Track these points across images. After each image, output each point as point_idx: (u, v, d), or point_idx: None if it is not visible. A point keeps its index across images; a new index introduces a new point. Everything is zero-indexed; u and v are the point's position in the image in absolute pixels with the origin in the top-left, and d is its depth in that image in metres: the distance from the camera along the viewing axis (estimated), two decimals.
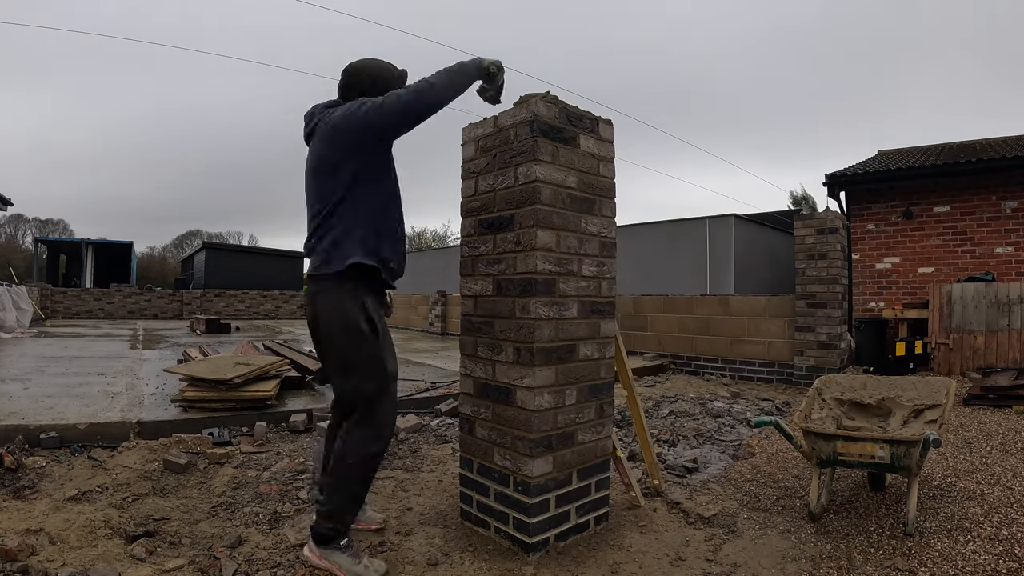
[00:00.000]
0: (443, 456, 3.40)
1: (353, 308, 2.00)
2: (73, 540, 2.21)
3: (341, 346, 2.02)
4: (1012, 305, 6.22)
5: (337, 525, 1.99)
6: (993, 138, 9.69)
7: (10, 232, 44.47)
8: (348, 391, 2.07)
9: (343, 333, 2.00)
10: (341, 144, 2.02)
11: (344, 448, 2.02)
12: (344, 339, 2.00)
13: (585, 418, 2.31)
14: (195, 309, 18.09)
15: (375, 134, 2.01)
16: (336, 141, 2.03)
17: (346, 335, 2.00)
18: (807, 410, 2.78)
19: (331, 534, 1.98)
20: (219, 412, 4.02)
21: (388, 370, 2.05)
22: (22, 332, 10.39)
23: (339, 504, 2.00)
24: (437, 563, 2.07)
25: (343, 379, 2.07)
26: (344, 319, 1.99)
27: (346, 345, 2.01)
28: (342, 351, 2.03)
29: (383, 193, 2.11)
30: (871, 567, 2.00)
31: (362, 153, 2.03)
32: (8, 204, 13.72)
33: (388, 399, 2.05)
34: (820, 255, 5.94)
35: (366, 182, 2.05)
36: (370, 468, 2.05)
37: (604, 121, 2.42)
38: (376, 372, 2.02)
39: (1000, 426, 4.03)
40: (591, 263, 2.35)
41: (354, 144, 2.01)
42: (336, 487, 2.01)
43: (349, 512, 2.03)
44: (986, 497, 2.61)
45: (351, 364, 2.02)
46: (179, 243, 50.78)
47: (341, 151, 2.02)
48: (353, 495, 2.03)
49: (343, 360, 2.04)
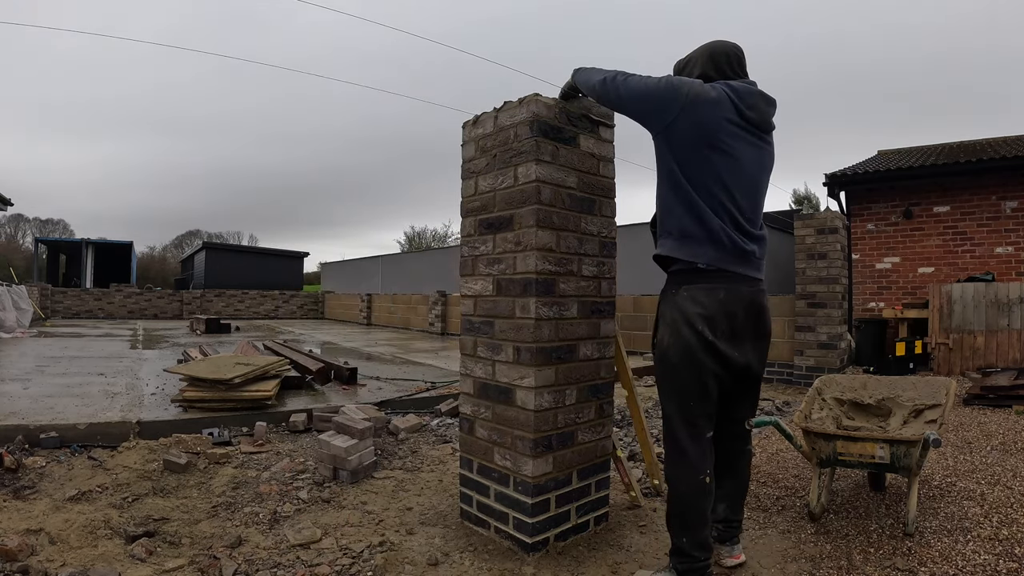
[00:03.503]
0: (443, 456, 3.40)
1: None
2: (73, 540, 2.21)
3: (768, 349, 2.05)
4: (1012, 305, 6.22)
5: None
6: (993, 138, 9.69)
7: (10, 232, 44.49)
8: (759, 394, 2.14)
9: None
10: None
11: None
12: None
13: (585, 418, 2.31)
14: (195, 309, 18.09)
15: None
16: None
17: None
18: (807, 410, 2.78)
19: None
20: (219, 412, 4.02)
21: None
22: (22, 332, 10.39)
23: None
24: (437, 563, 2.07)
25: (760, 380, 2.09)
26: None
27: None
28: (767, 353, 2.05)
29: None
30: (871, 567, 2.00)
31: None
32: (8, 204, 13.72)
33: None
34: (820, 255, 5.94)
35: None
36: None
37: (605, 121, 2.42)
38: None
39: (1000, 426, 4.03)
40: (591, 263, 2.35)
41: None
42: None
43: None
44: (986, 497, 2.61)
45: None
46: (179, 243, 50.81)
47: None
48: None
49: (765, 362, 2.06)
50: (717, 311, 1.85)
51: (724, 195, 1.84)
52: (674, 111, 1.84)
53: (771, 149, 1.97)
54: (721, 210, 1.84)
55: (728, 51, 1.97)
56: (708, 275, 1.87)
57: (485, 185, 2.36)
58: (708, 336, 1.84)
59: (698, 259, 1.86)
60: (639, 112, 1.96)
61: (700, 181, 1.84)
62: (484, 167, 2.36)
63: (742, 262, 1.88)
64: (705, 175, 1.84)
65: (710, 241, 1.85)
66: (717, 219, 1.84)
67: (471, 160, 2.44)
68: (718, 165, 1.83)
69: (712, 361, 1.85)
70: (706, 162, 1.83)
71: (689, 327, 1.86)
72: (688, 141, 1.85)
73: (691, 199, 1.85)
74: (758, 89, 1.94)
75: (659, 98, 1.87)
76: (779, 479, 2.98)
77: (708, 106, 1.82)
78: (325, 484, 2.87)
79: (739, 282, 1.88)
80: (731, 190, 1.84)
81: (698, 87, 1.84)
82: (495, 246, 2.30)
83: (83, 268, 22.97)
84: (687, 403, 1.88)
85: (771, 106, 1.95)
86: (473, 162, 2.43)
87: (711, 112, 1.82)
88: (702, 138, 1.83)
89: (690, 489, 1.86)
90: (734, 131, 1.85)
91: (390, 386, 5.49)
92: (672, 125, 1.86)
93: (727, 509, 2.07)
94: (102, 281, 22.29)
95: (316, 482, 2.90)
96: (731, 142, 1.84)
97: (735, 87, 1.88)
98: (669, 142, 1.89)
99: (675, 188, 1.89)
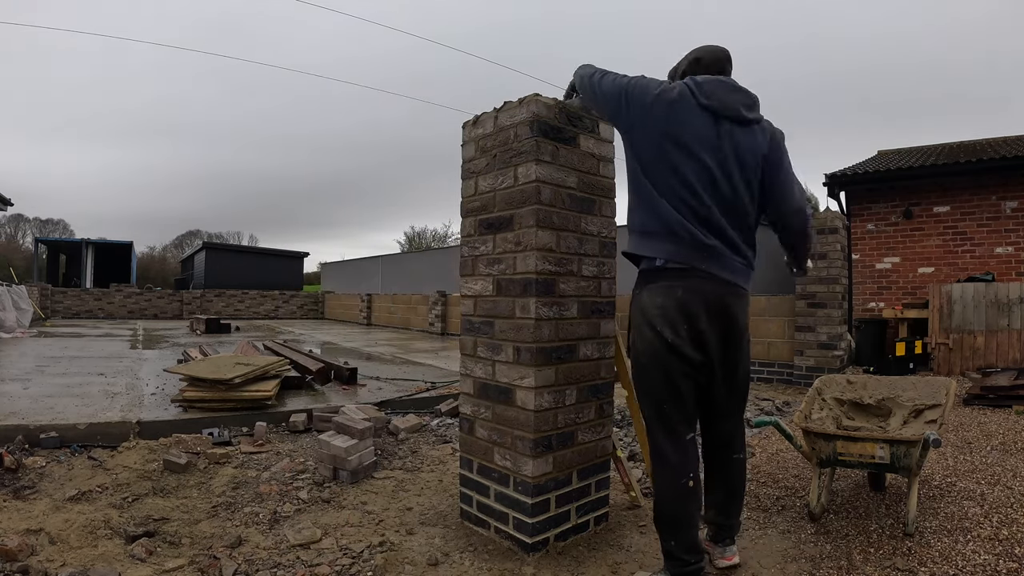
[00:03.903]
0: (443, 456, 3.40)
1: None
2: (73, 540, 2.21)
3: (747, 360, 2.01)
4: (1012, 305, 6.22)
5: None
6: (993, 138, 9.69)
7: (10, 232, 44.48)
8: (743, 402, 2.06)
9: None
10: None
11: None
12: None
13: (585, 418, 2.31)
14: (195, 309, 18.09)
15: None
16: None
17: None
18: (807, 410, 2.78)
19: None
20: (219, 412, 4.02)
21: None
22: (22, 332, 10.39)
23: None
24: (437, 563, 2.07)
25: (746, 390, 2.04)
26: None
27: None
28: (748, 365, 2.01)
29: None
30: (871, 567, 2.00)
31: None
32: (8, 204, 13.73)
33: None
34: (820, 255, 5.94)
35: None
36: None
37: (605, 120, 2.42)
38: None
39: (1000, 426, 4.03)
40: (591, 263, 2.35)
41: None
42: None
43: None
44: (986, 497, 2.61)
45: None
46: (179, 243, 50.77)
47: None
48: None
49: (748, 373, 2.03)
50: (675, 311, 1.80)
51: (685, 191, 1.81)
52: (635, 110, 1.87)
53: (751, 140, 1.87)
54: (682, 205, 1.81)
55: (710, 53, 1.97)
56: (667, 274, 1.84)
57: (485, 185, 2.36)
58: (668, 337, 1.81)
59: (657, 254, 1.84)
60: (607, 111, 2.00)
61: (660, 178, 1.84)
62: (484, 167, 2.36)
63: (705, 258, 1.81)
64: (665, 171, 1.83)
65: (668, 235, 1.82)
66: (676, 214, 1.81)
67: (471, 160, 2.44)
68: (678, 162, 1.81)
69: (678, 361, 1.82)
70: (666, 159, 1.83)
71: (650, 328, 1.84)
72: (648, 139, 1.86)
73: (650, 195, 1.86)
74: (723, 79, 1.90)
75: (623, 97, 1.90)
76: (779, 479, 2.98)
77: (667, 105, 1.83)
78: (325, 484, 2.87)
79: (702, 279, 1.82)
80: (693, 186, 1.81)
81: (658, 86, 1.87)
82: (495, 246, 2.30)
83: (83, 268, 22.97)
84: (661, 406, 1.86)
85: (737, 92, 1.88)
86: (473, 162, 2.43)
87: (670, 111, 1.83)
88: (663, 135, 1.83)
89: (673, 494, 1.84)
90: (697, 127, 1.82)
91: (390, 386, 5.49)
92: (634, 124, 1.89)
93: (717, 515, 2.05)
94: (102, 281, 22.29)
95: (316, 482, 2.90)
96: (692, 139, 1.81)
97: (698, 80, 1.87)
98: (632, 141, 1.92)
99: (636, 185, 1.91)
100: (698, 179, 1.81)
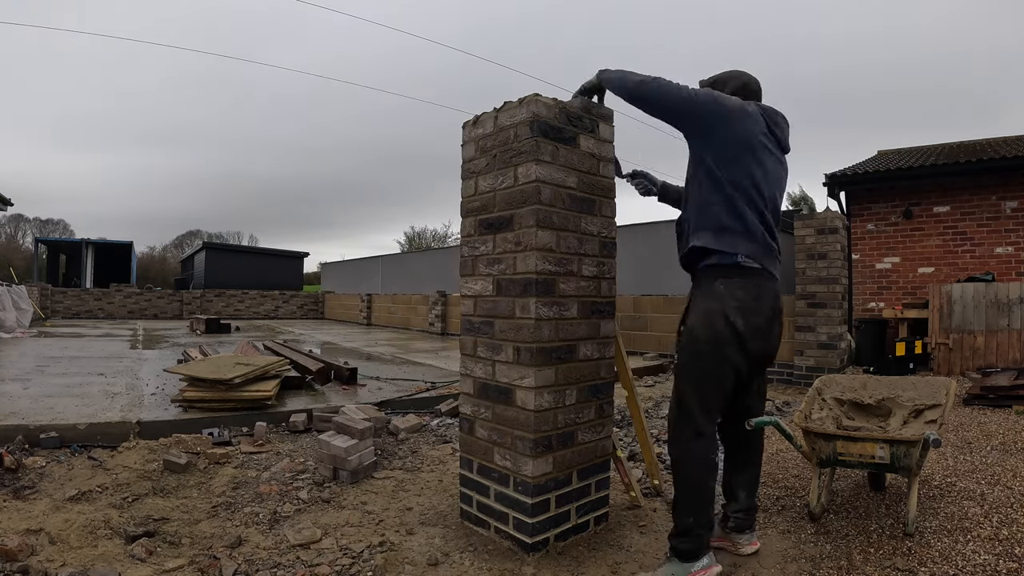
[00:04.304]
0: (443, 456, 3.40)
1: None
2: (73, 540, 2.21)
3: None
4: (1012, 305, 6.22)
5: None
6: (993, 138, 9.69)
7: (10, 232, 44.48)
8: (765, 384, 2.28)
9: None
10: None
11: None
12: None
13: (585, 418, 2.31)
14: (195, 309, 18.09)
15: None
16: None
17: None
18: (807, 410, 2.78)
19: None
20: (219, 412, 4.02)
21: None
22: (22, 332, 10.39)
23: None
24: (437, 563, 2.07)
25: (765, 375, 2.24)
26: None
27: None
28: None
29: None
30: (871, 567, 2.00)
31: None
32: (8, 204, 13.73)
33: None
34: (820, 255, 5.94)
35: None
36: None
37: (605, 118, 2.42)
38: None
39: (1000, 426, 4.03)
40: (591, 263, 2.35)
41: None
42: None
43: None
44: (986, 497, 2.61)
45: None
46: (179, 243, 50.78)
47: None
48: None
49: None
50: (752, 308, 1.98)
51: (756, 195, 2.00)
52: (719, 119, 2.00)
53: (786, 167, 2.16)
54: (754, 208, 2.00)
55: (756, 83, 2.23)
56: (745, 272, 2.00)
57: (485, 185, 2.36)
58: (740, 328, 1.95)
59: (737, 250, 1.99)
60: (681, 115, 2.07)
61: (737, 181, 1.99)
62: (484, 167, 2.36)
63: (772, 259, 2.04)
64: (741, 176, 1.99)
65: (746, 234, 1.99)
66: (752, 215, 1.99)
67: (471, 160, 2.44)
68: (752, 169, 2.00)
69: (738, 354, 1.97)
70: (743, 165, 1.99)
71: (723, 317, 1.96)
72: (728, 146, 2.01)
73: (729, 196, 1.99)
74: (781, 113, 2.15)
75: (704, 105, 2.00)
76: (779, 479, 2.98)
77: (747, 118, 2.02)
78: (325, 484, 2.87)
79: (770, 280, 2.04)
80: (762, 192, 2.01)
81: (740, 101, 2.06)
82: (495, 246, 2.30)
83: (83, 268, 22.97)
84: (707, 391, 1.99)
85: (788, 127, 2.16)
86: (473, 162, 2.43)
87: (749, 124, 2.01)
88: (740, 145, 2.00)
89: (703, 468, 1.97)
90: (764, 143, 2.03)
91: (390, 386, 5.49)
92: (715, 131, 2.01)
93: (747, 496, 2.17)
94: (102, 281, 22.29)
95: (316, 482, 2.90)
96: (761, 152, 2.02)
97: (765, 107, 2.11)
98: (710, 146, 2.03)
99: (714, 186, 2.02)
100: (767, 187, 2.03)
